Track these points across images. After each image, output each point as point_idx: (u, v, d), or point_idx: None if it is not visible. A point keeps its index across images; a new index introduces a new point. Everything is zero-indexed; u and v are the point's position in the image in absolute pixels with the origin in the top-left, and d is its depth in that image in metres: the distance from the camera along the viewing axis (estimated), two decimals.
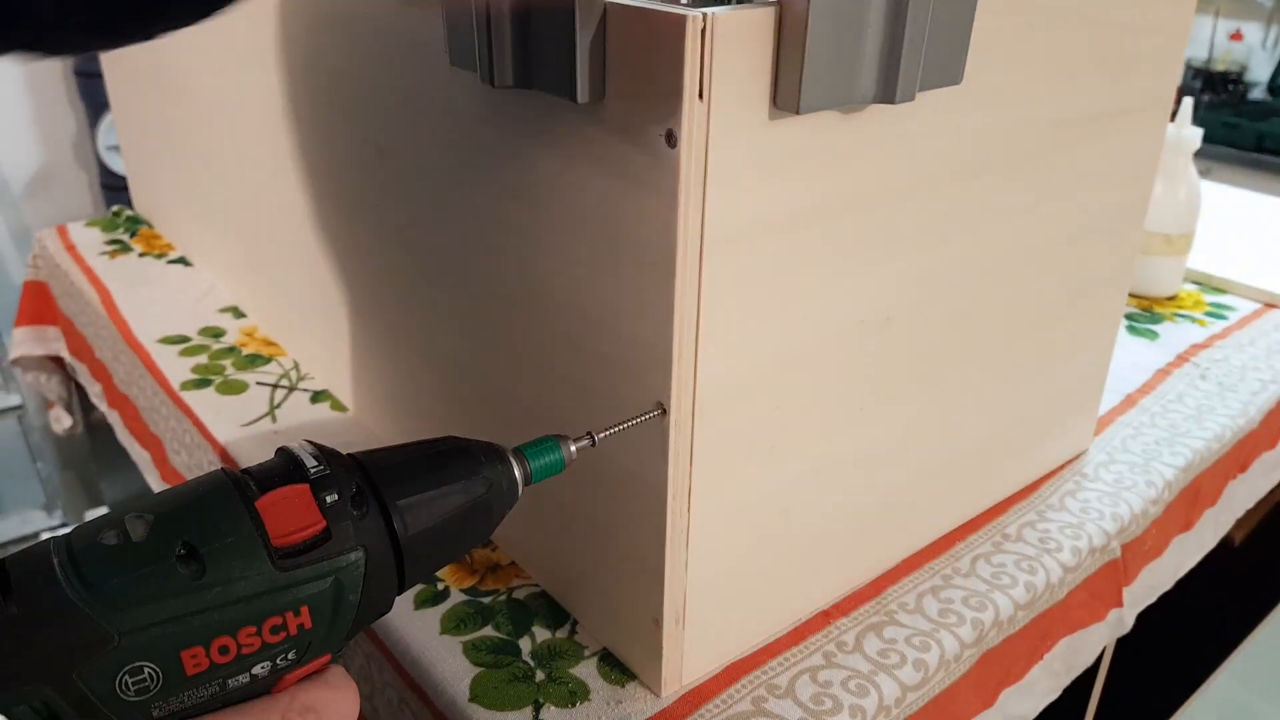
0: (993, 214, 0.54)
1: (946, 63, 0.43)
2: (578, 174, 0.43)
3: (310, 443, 0.33)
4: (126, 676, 0.28)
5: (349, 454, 0.34)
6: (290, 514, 0.30)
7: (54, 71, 2.06)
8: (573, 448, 0.40)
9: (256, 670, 0.30)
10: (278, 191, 0.77)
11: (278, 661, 0.30)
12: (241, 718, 0.30)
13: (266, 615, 0.29)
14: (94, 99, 2.03)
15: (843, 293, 0.48)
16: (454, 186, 0.53)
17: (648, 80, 0.38)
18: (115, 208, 1.26)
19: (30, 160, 2.11)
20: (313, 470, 0.32)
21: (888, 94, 0.41)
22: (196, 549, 0.29)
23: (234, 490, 0.31)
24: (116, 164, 2.03)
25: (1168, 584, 0.76)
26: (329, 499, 0.31)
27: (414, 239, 0.59)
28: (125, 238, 1.17)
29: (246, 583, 0.29)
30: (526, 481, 0.38)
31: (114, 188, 2.08)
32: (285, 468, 0.32)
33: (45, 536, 0.30)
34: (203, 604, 0.28)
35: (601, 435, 0.41)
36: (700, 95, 0.37)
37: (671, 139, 0.38)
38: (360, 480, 0.32)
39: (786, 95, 0.39)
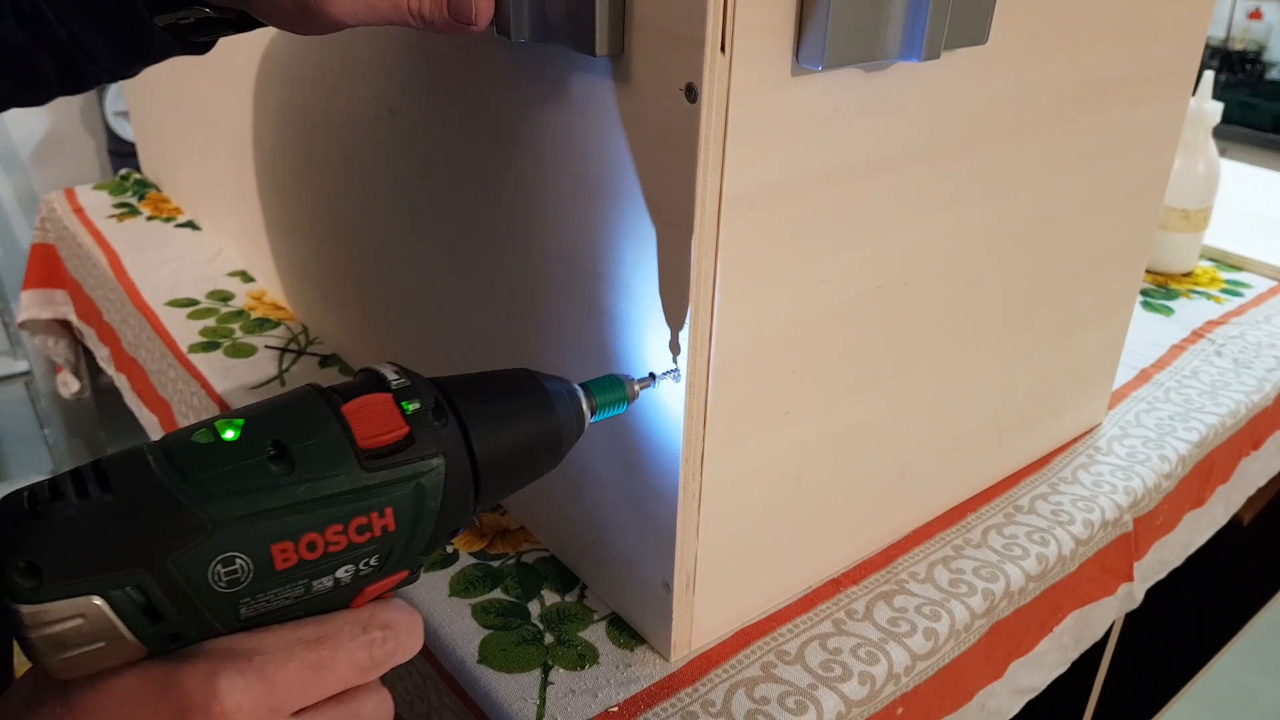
0: (1014, 179, 0.53)
1: (972, 21, 0.42)
2: (595, 131, 0.43)
3: (392, 364, 0.34)
4: (219, 566, 0.29)
5: (428, 377, 0.35)
6: (375, 419, 0.31)
7: None
8: (636, 386, 0.41)
9: (340, 573, 0.31)
10: (288, 154, 0.76)
11: (360, 566, 0.31)
12: (324, 625, 0.31)
13: (353, 514, 0.30)
14: None
15: (861, 256, 0.47)
16: (467, 145, 0.52)
17: (668, 33, 0.37)
18: (123, 171, 1.25)
19: (38, 126, 2.10)
20: (395, 383, 0.33)
21: (912, 51, 0.40)
22: (286, 448, 0.30)
23: (321, 398, 0.32)
24: (125, 130, 2.02)
25: (1178, 560, 0.76)
26: (411, 407, 0.32)
27: (426, 199, 0.58)
28: (133, 201, 1.17)
29: (333, 481, 0.30)
30: (592, 414, 0.39)
31: (122, 154, 2.07)
32: (369, 381, 0.33)
33: None
34: (292, 499, 0.29)
35: (663, 376, 0.42)
36: (722, 48, 0.36)
37: (692, 93, 0.37)
38: (439, 396, 0.33)
39: (810, 50, 0.38)
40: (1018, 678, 0.63)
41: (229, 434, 0.30)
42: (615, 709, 0.48)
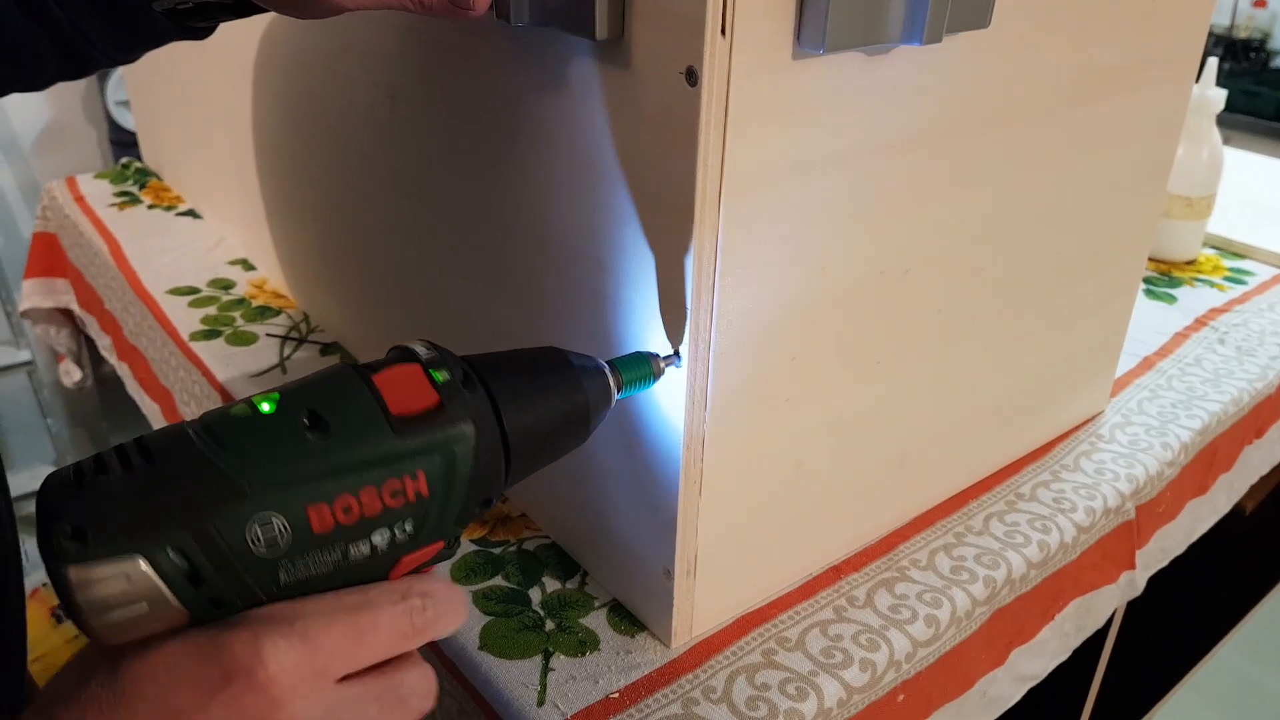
0: (1017, 165, 0.53)
1: (974, 4, 0.42)
2: (594, 115, 0.42)
3: (423, 340, 0.35)
4: (258, 529, 0.30)
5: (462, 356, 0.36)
6: (406, 388, 0.33)
7: None
8: (661, 363, 0.42)
9: (376, 538, 0.32)
10: (288, 142, 0.76)
11: (396, 533, 0.32)
12: (364, 594, 0.32)
13: (386, 478, 0.31)
14: None
15: (863, 241, 0.47)
16: (467, 131, 0.52)
17: (668, 15, 0.37)
18: (124, 160, 1.25)
19: (40, 115, 2.10)
20: (425, 356, 0.34)
21: (914, 34, 0.40)
22: (321, 417, 0.31)
23: (354, 371, 0.33)
24: (126, 119, 2.01)
25: (1180, 548, 0.76)
26: (441, 377, 0.33)
27: (426, 187, 0.58)
28: (134, 190, 1.17)
29: (367, 446, 0.31)
30: (619, 390, 0.40)
31: (123, 143, 2.07)
32: (400, 354, 0.34)
33: None
34: (327, 464, 0.30)
35: (668, 359, 0.43)
36: (723, 31, 0.36)
37: (692, 77, 0.37)
38: (468, 369, 0.34)
39: (811, 33, 0.38)
40: (1019, 665, 0.63)
41: (265, 406, 0.31)
42: (616, 695, 0.48)
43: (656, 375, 0.41)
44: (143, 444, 0.30)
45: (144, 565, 0.28)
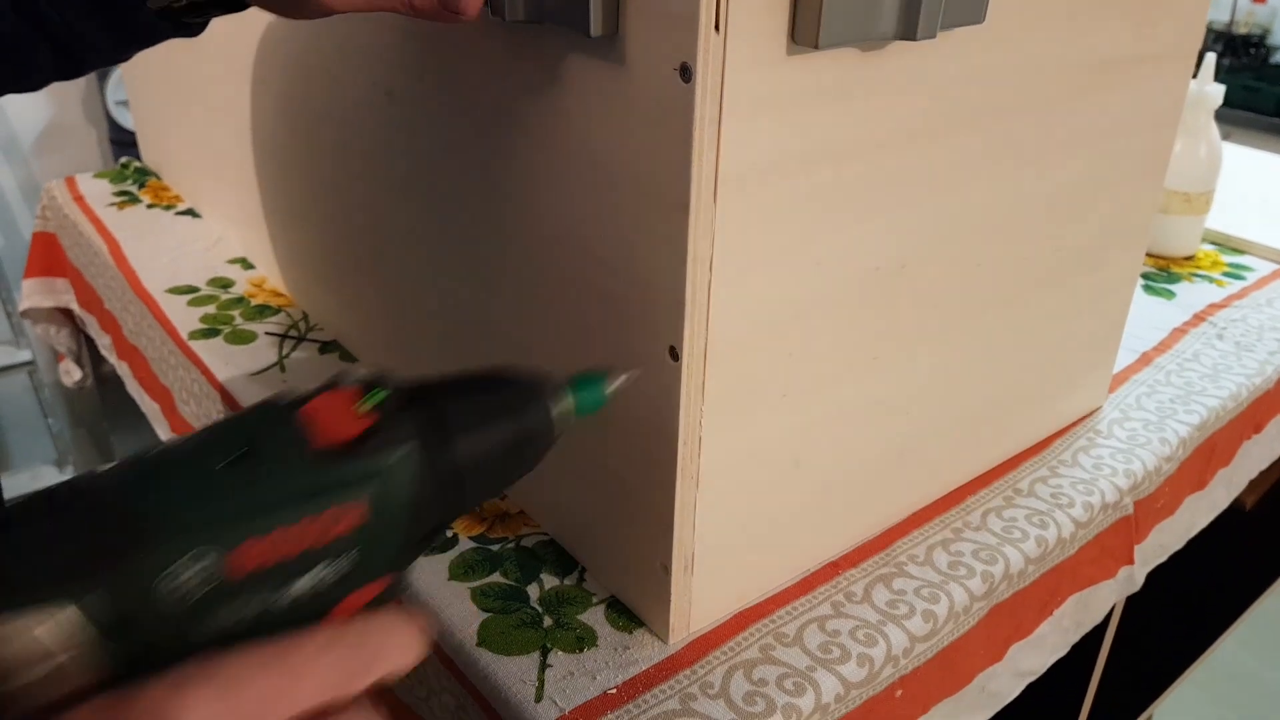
0: (1013, 160, 0.53)
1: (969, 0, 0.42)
2: (589, 111, 0.43)
3: (366, 365, 0.34)
4: (178, 574, 0.27)
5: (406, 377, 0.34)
6: (333, 417, 0.31)
7: None
8: (619, 380, 0.39)
9: (307, 580, 0.29)
10: (286, 141, 0.76)
11: (331, 571, 0.30)
12: (296, 637, 0.29)
13: (312, 513, 0.29)
14: None
15: (858, 237, 0.47)
16: (462, 128, 0.52)
17: (662, 12, 0.37)
18: (123, 159, 1.25)
19: (40, 115, 2.10)
20: (359, 380, 0.32)
21: (909, 30, 0.40)
22: (241, 454, 0.29)
23: (278, 404, 0.31)
24: (126, 119, 2.02)
25: (1179, 543, 0.76)
26: (373, 404, 0.31)
27: (422, 184, 0.58)
28: (134, 189, 1.17)
29: (289, 482, 0.29)
30: (575, 410, 0.37)
31: (123, 143, 2.07)
32: (332, 381, 0.32)
33: None
34: (248, 503, 0.28)
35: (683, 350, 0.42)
36: (716, 27, 0.36)
37: (686, 73, 0.37)
38: (411, 392, 0.32)
39: (805, 29, 0.38)
40: (1018, 660, 0.63)
41: (184, 445, 0.29)
42: (614, 690, 0.48)
43: (612, 393, 0.38)
44: (63, 487, 0.28)
45: (55, 616, 0.26)
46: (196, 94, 0.95)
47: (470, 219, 0.54)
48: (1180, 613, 1.03)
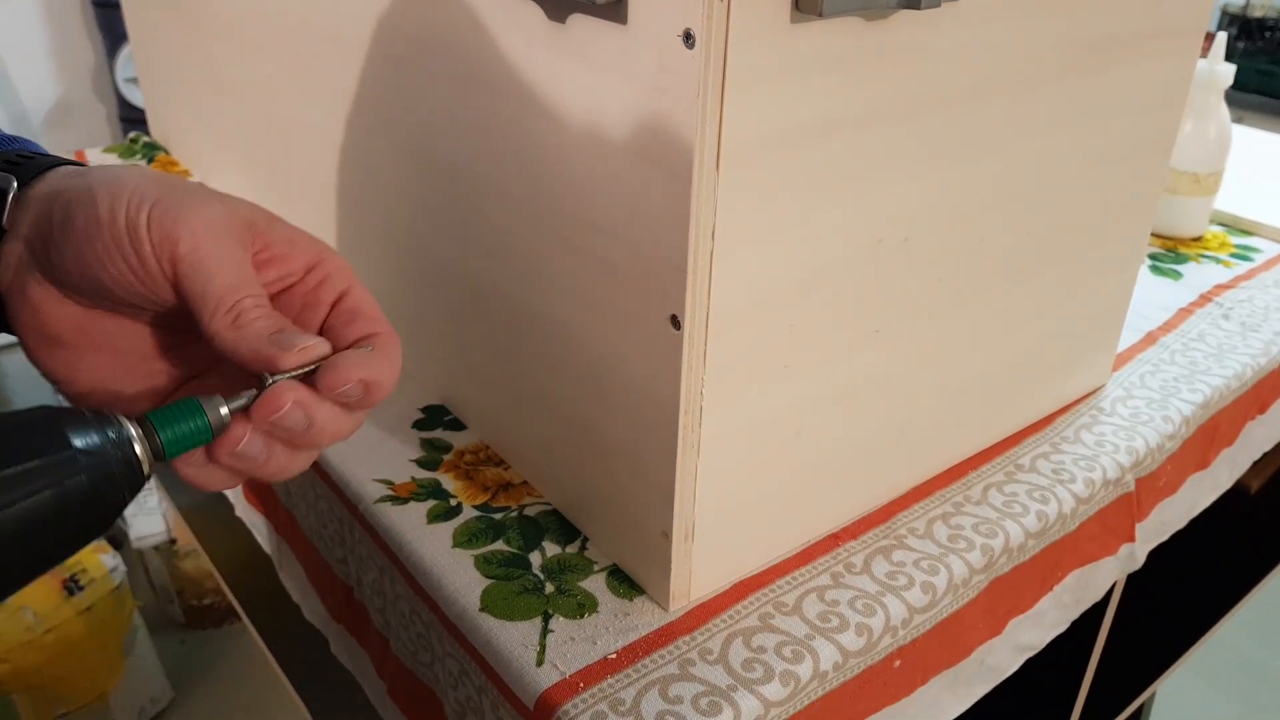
0: (1017, 133, 0.53)
1: None
2: (592, 78, 0.43)
3: None
4: None
5: None
6: None
7: (72, 2, 2.05)
8: (224, 409, 0.33)
9: None
10: (296, 114, 0.76)
11: None
12: None
13: None
14: (112, 30, 2.01)
15: (862, 209, 0.47)
16: (468, 96, 0.52)
17: None
18: (132, 134, 1.25)
19: (49, 92, 2.11)
20: None
21: None
22: None
23: None
24: (135, 96, 2.02)
25: (1181, 522, 0.76)
26: None
27: (429, 155, 0.58)
28: (143, 163, 1.17)
29: None
30: (158, 456, 0.32)
31: (133, 120, 2.08)
32: None
33: None
34: None
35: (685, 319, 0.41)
36: None
37: (690, 39, 0.37)
38: None
39: None
40: (1017, 635, 0.63)
41: None
42: (614, 655, 0.48)
43: (217, 427, 0.33)
44: None
45: None
46: (205, 66, 0.95)
47: (475, 188, 0.55)
48: (1182, 594, 1.03)
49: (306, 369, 0.35)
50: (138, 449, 0.31)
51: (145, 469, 0.31)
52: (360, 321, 0.39)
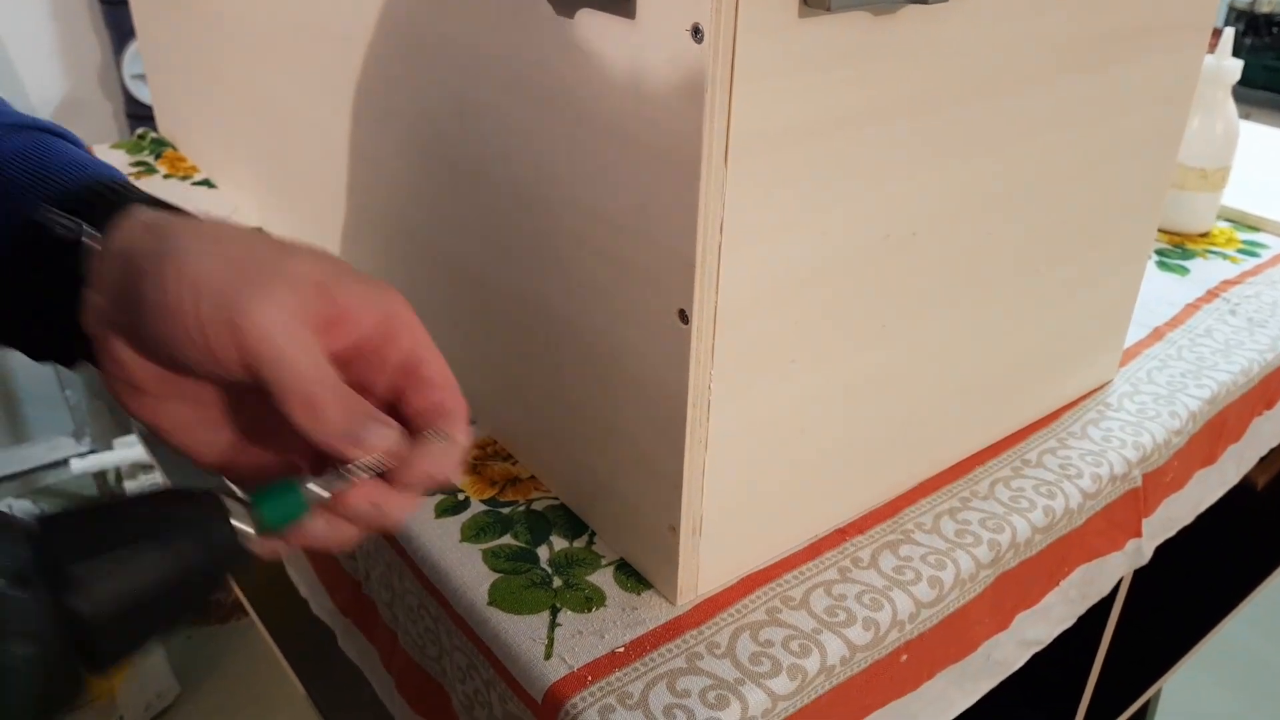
0: (1025, 129, 0.53)
1: None
2: (600, 71, 0.43)
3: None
4: None
5: (36, 518, 0.29)
6: None
7: None
8: (320, 490, 0.36)
9: None
10: (302, 110, 0.76)
11: None
12: None
13: None
14: (119, 26, 2.02)
15: (869, 204, 0.47)
16: (476, 91, 0.52)
17: None
18: (140, 130, 1.26)
19: (56, 89, 2.11)
20: None
21: None
22: None
23: None
24: (142, 93, 2.02)
25: (1188, 518, 0.76)
26: None
27: (438, 150, 0.58)
28: (150, 160, 1.17)
29: None
30: (257, 530, 0.34)
31: (140, 117, 2.08)
32: None
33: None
34: None
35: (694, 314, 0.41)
36: None
37: (698, 34, 0.37)
38: (29, 558, 0.27)
39: None
40: (1024, 629, 0.63)
41: None
42: (622, 649, 0.49)
43: (310, 504, 0.35)
44: None
45: None
46: (212, 63, 0.95)
47: (483, 183, 0.55)
48: (1188, 590, 1.03)
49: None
50: (240, 524, 0.34)
51: (247, 547, 0.34)
52: (427, 389, 0.39)
